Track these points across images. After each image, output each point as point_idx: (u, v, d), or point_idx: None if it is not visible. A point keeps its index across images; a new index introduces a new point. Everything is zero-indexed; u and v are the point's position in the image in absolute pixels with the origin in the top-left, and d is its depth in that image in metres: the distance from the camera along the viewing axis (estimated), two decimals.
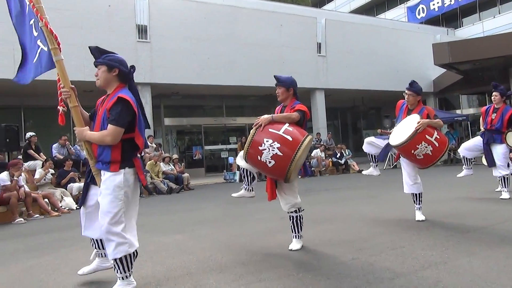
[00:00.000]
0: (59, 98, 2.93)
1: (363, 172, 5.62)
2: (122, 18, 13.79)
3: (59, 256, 4.25)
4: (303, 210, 3.83)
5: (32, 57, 3.01)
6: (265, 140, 3.40)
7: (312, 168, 14.29)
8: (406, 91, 4.89)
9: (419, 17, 29.80)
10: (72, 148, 9.76)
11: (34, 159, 9.06)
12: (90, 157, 2.87)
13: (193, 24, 14.96)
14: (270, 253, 3.78)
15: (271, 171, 3.48)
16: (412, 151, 4.50)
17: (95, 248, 3.16)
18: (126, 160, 2.79)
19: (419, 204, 4.87)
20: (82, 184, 9.17)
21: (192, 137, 18.82)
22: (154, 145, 12.46)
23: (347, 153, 15.59)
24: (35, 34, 2.99)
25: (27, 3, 3.00)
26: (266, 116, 3.55)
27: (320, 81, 17.92)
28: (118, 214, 2.69)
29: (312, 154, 14.62)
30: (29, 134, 9.33)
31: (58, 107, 2.97)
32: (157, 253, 4.04)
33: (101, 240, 3.00)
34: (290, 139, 3.39)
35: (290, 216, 3.80)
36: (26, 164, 8.67)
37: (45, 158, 9.05)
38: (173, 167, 11.87)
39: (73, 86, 2.93)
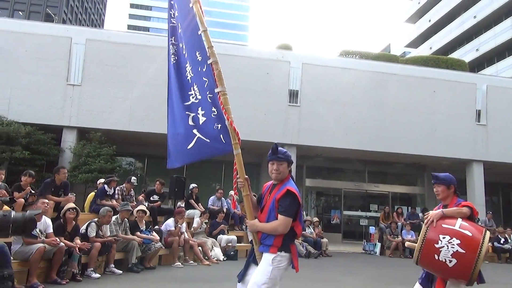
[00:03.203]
0: (234, 186, 3.27)
1: None
2: (277, 84, 15.04)
3: None
4: None
5: (186, 144, 3.42)
6: (441, 237, 3.18)
7: None
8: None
9: None
10: (224, 202, 10.68)
11: (194, 208, 10.16)
12: (255, 241, 3.16)
13: (341, 89, 15.38)
14: None
15: (452, 271, 3.16)
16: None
17: None
18: (284, 245, 3.03)
19: None
20: (230, 236, 9.85)
21: (331, 200, 18.67)
22: None
23: None
24: (191, 124, 3.42)
25: (179, 99, 3.53)
26: (436, 211, 3.41)
27: (479, 152, 16.14)
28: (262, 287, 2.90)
29: None
30: (192, 185, 10.58)
31: (233, 194, 3.42)
32: None
33: None
34: (470, 234, 3.15)
35: None
36: (186, 212, 9.75)
37: (203, 209, 10.05)
38: (312, 230, 11.86)
39: (247, 176, 3.23)
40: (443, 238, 3.17)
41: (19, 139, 11.72)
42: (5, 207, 5.50)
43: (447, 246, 3.13)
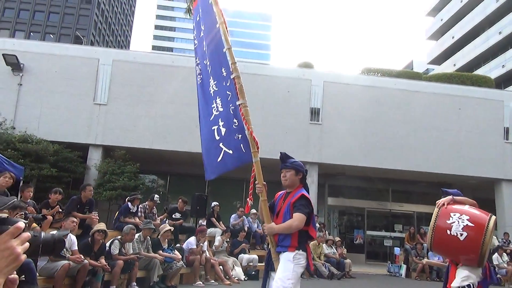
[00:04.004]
0: (249, 192, 3.48)
1: None
2: (298, 102, 15.06)
3: None
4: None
5: (216, 157, 3.68)
6: (452, 214, 3.53)
7: (498, 276, 12.03)
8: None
9: None
10: (245, 220, 10.62)
11: (215, 226, 10.14)
12: (272, 244, 3.33)
13: (364, 107, 15.25)
14: None
15: (464, 245, 3.40)
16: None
17: None
18: (301, 244, 3.27)
19: None
20: (251, 256, 9.76)
21: (354, 220, 18.30)
22: (318, 225, 12.52)
23: None
24: (217, 138, 3.67)
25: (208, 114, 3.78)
26: (446, 197, 3.82)
27: (508, 171, 15.59)
28: (287, 283, 3.07)
29: (495, 262, 12.37)
30: (213, 203, 10.60)
31: (248, 199, 3.58)
32: None
33: None
34: (478, 213, 3.52)
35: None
36: (207, 231, 9.73)
37: (224, 227, 10.01)
38: (335, 250, 11.61)
39: (265, 183, 3.43)
40: (454, 215, 3.51)
41: (47, 157, 12.07)
42: (33, 225, 5.63)
43: (458, 221, 3.45)
